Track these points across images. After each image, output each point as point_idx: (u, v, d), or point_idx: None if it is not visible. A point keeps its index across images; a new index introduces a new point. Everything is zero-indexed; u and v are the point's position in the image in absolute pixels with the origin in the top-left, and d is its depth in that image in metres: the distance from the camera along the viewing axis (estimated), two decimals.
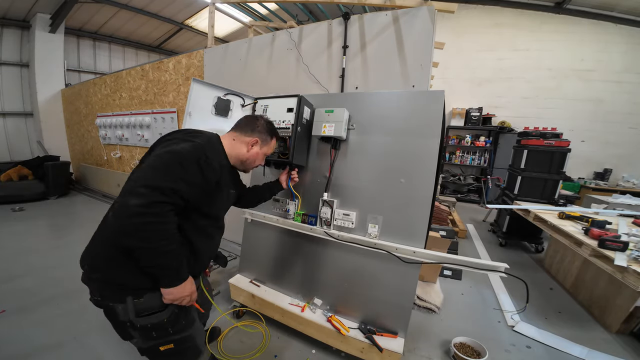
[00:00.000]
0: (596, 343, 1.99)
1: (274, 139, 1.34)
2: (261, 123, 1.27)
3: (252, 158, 1.25)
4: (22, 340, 1.84)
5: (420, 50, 2.13)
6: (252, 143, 1.23)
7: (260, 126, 1.26)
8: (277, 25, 4.11)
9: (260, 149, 1.27)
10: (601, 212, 2.85)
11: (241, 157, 1.22)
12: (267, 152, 1.32)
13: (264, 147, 1.29)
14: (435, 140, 1.56)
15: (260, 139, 1.26)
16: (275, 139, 1.34)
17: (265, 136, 1.27)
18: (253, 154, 1.24)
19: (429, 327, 2.12)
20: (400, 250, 1.57)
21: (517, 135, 3.96)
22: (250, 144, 1.23)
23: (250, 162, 1.27)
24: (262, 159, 1.32)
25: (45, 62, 6.48)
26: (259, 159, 1.30)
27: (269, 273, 2.12)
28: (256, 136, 1.24)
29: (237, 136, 1.23)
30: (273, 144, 1.34)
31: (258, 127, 1.25)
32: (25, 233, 3.75)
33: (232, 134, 1.24)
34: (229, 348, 1.84)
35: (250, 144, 1.23)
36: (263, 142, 1.27)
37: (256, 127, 1.25)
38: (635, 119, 5.72)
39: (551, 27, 5.97)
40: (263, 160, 1.34)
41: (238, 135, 1.23)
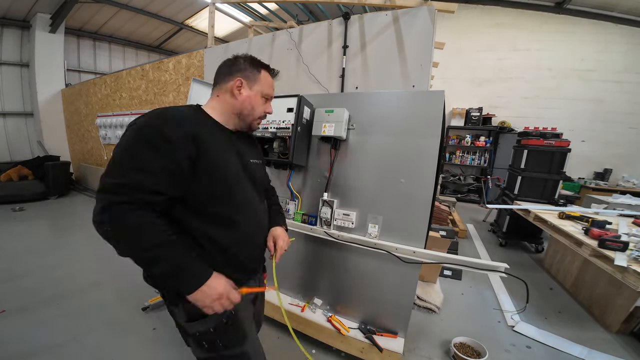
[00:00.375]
0: (596, 343, 1.99)
1: (263, 71, 1.01)
2: (239, 60, 0.98)
3: (246, 105, 0.97)
4: (22, 340, 1.84)
5: (420, 50, 2.13)
6: (235, 87, 0.95)
7: (240, 62, 0.98)
8: (277, 25, 4.11)
9: (250, 89, 0.97)
10: (601, 212, 2.85)
11: (234, 110, 0.96)
12: (262, 91, 1.00)
13: (254, 85, 0.98)
14: (435, 140, 1.56)
15: (244, 77, 0.96)
16: (265, 71, 1.01)
17: (249, 72, 0.97)
18: (244, 99, 0.96)
19: (429, 327, 2.12)
20: (400, 250, 1.57)
21: (517, 135, 3.96)
22: (234, 88, 0.95)
23: (248, 112, 0.98)
24: (260, 102, 1.00)
25: (45, 62, 6.48)
26: (257, 103, 0.99)
27: (268, 273, 2.11)
28: (237, 75, 0.95)
29: (219, 89, 0.97)
30: (264, 78, 1.00)
31: (235, 65, 0.97)
32: (25, 233, 3.75)
33: (214, 91, 0.99)
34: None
35: (235, 88, 0.95)
36: (250, 80, 0.97)
37: (234, 65, 0.97)
38: (635, 119, 5.72)
39: (551, 27, 5.97)
40: (264, 104, 1.02)
41: (219, 87, 0.97)
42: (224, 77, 0.97)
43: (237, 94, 0.95)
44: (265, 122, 1.76)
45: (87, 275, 2.62)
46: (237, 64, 0.97)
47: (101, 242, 0.82)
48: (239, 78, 0.95)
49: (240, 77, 0.95)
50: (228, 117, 0.97)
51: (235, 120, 0.99)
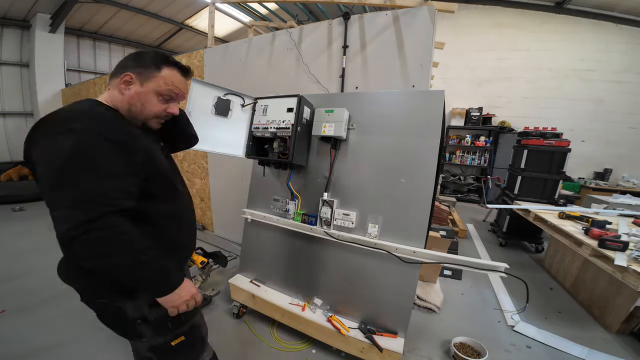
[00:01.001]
0: (596, 343, 1.99)
1: (167, 69, 0.89)
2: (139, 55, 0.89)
3: (133, 102, 0.87)
4: (22, 340, 1.84)
5: (420, 50, 2.13)
6: (123, 80, 0.85)
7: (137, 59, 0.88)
8: (277, 25, 4.11)
9: (141, 86, 0.86)
10: (601, 212, 2.85)
11: (122, 107, 0.87)
12: (158, 89, 0.88)
13: (147, 82, 0.86)
14: (435, 140, 1.56)
15: (135, 73, 0.85)
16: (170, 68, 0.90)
17: (144, 68, 0.86)
18: (131, 96, 0.86)
19: (429, 327, 2.12)
20: (400, 250, 1.57)
21: (517, 135, 3.96)
22: (122, 82, 0.85)
23: (138, 110, 0.88)
24: (154, 101, 0.89)
25: (45, 62, 6.48)
26: (147, 101, 0.88)
27: (269, 273, 2.12)
28: (129, 70, 0.85)
29: (111, 83, 0.89)
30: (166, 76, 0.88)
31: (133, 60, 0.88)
32: (25, 233, 3.76)
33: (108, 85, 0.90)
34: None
35: (122, 82, 0.85)
36: (142, 76, 0.86)
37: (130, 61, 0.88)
38: (635, 119, 5.72)
39: (551, 27, 5.96)
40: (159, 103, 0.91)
41: (111, 81, 0.89)
42: (118, 70, 0.88)
43: (123, 89, 0.86)
44: (265, 122, 1.76)
45: None
46: (135, 59, 0.88)
47: None
48: (129, 73, 0.86)
49: (131, 72, 0.86)
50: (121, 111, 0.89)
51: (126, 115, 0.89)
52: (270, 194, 2.07)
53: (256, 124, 1.80)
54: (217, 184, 3.60)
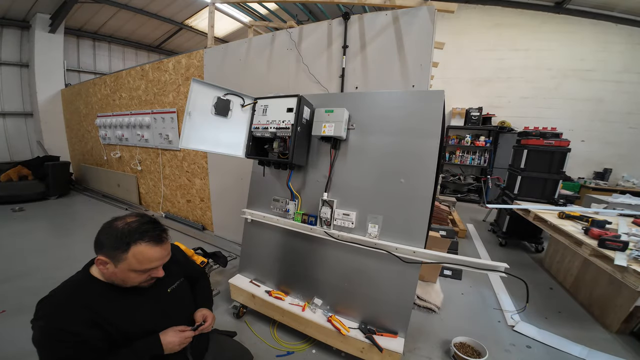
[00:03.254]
0: (596, 343, 1.99)
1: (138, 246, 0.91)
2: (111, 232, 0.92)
3: (114, 278, 0.94)
4: (22, 340, 1.83)
5: (420, 50, 2.13)
6: (100, 263, 0.93)
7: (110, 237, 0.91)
8: (277, 25, 4.11)
9: (116, 267, 0.91)
10: (601, 211, 2.85)
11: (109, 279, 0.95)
12: (132, 268, 0.92)
13: (120, 264, 0.91)
14: (435, 140, 1.56)
15: (107, 256, 0.91)
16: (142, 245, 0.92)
17: (113, 251, 0.90)
18: (110, 274, 0.94)
19: (429, 327, 2.12)
20: (400, 250, 1.57)
21: (517, 135, 3.96)
22: (99, 263, 0.93)
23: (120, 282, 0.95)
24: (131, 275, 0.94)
25: (45, 62, 6.48)
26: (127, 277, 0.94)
27: (269, 273, 2.12)
28: (103, 253, 0.92)
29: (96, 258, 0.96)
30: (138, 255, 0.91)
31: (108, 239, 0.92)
32: (25, 233, 3.75)
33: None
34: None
35: (100, 264, 0.93)
36: (114, 259, 0.91)
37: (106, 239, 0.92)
38: (635, 119, 5.72)
39: (551, 27, 5.96)
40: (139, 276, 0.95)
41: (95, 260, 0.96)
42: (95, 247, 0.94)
43: (102, 269, 0.94)
44: (265, 122, 1.76)
45: None
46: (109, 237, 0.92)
47: None
48: (100, 257, 0.92)
49: (103, 256, 0.91)
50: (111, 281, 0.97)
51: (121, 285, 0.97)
52: (270, 194, 2.07)
53: (256, 124, 1.80)
54: (217, 184, 3.60)
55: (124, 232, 0.92)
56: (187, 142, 1.66)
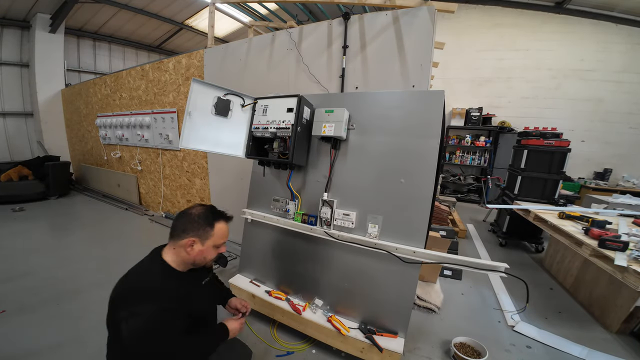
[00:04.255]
0: (596, 343, 1.99)
1: (218, 224, 1.13)
2: (193, 217, 1.11)
3: (198, 258, 1.11)
4: (22, 340, 1.84)
5: (420, 50, 2.13)
6: (189, 244, 1.07)
7: (193, 221, 1.10)
8: (277, 25, 4.11)
9: (202, 245, 1.10)
10: (601, 212, 2.85)
11: (188, 261, 1.11)
12: (216, 243, 1.13)
13: (207, 240, 1.10)
14: (435, 140, 1.56)
15: (197, 236, 1.08)
16: (220, 222, 1.14)
17: (202, 230, 1.10)
18: (196, 254, 1.09)
19: (429, 327, 2.12)
20: (400, 250, 1.57)
21: (517, 135, 3.96)
22: (188, 245, 1.07)
23: (200, 261, 1.12)
24: (213, 252, 1.14)
25: (45, 62, 6.48)
26: (209, 254, 1.13)
27: (269, 273, 2.12)
28: (190, 236, 1.08)
29: (175, 243, 1.10)
30: (218, 231, 1.13)
31: (190, 223, 1.09)
32: (25, 233, 3.75)
33: (171, 243, 1.11)
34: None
35: (188, 246, 1.08)
36: (202, 237, 1.09)
37: (188, 224, 1.09)
38: (635, 119, 5.72)
39: (551, 27, 5.96)
40: (214, 251, 1.16)
41: (175, 242, 1.10)
42: (178, 234, 1.09)
43: (189, 250, 1.08)
44: (265, 122, 1.77)
45: (87, 275, 2.62)
46: (191, 221, 1.10)
47: (101, 242, 0.84)
48: (192, 238, 1.08)
49: (192, 237, 1.08)
50: (185, 265, 1.12)
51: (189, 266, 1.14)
52: (270, 194, 2.08)
53: (256, 124, 1.80)
54: (217, 184, 3.60)
55: (206, 214, 1.13)
56: (187, 142, 1.66)
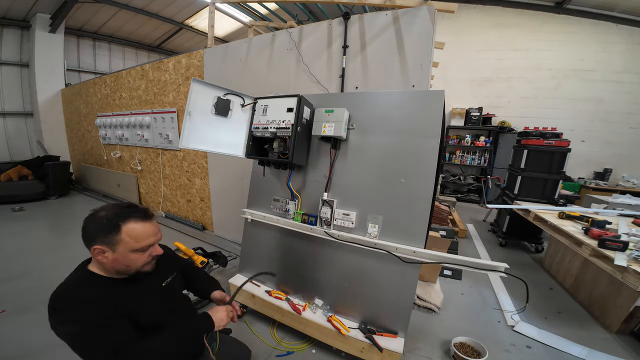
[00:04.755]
0: (596, 343, 1.99)
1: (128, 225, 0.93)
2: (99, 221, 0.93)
3: (119, 267, 0.95)
4: (22, 340, 1.84)
5: (420, 50, 2.13)
6: (98, 253, 0.92)
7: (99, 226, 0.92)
8: (277, 25, 4.11)
9: (114, 252, 0.92)
10: (601, 212, 2.85)
11: (110, 269, 0.96)
12: (132, 247, 0.94)
13: (118, 246, 0.92)
14: (435, 140, 1.56)
15: (104, 243, 0.91)
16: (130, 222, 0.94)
17: (108, 237, 0.91)
18: (111, 262, 0.93)
19: (429, 327, 2.12)
20: (400, 250, 1.57)
21: (517, 135, 3.96)
22: (97, 254, 0.92)
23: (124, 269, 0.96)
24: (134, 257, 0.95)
25: (45, 62, 6.48)
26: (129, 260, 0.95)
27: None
28: (96, 243, 0.91)
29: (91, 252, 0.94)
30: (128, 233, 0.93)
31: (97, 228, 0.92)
32: (25, 233, 3.75)
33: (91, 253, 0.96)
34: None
35: (98, 254, 0.92)
36: (110, 244, 0.91)
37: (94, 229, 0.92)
38: (635, 119, 5.72)
39: (551, 27, 5.96)
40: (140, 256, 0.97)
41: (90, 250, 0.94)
42: (87, 241, 0.93)
43: (102, 259, 0.93)
44: (265, 122, 1.76)
45: None
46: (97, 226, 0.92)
47: None
48: (96, 246, 0.91)
49: (97, 245, 0.91)
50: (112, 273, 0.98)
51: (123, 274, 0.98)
52: (270, 194, 2.08)
53: (256, 124, 1.80)
54: (217, 184, 3.60)
55: (110, 216, 0.93)
56: (187, 142, 1.66)
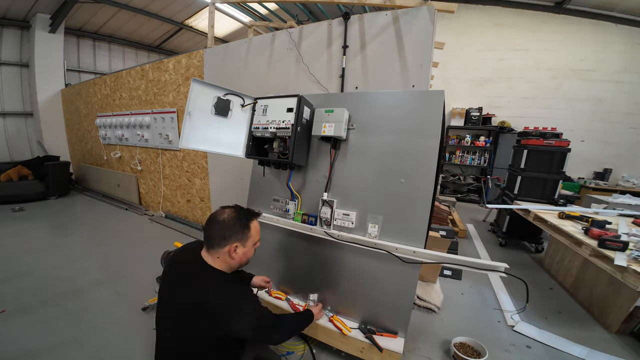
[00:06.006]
0: (596, 343, 1.99)
1: (252, 222, 1.23)
2: (227, 223, 1.15)
3: (243, 260, 1.21)
4: (22, 340, 1.84)
5: (420, 50, 2.13)
6: (232, 250, 1.15)
7: (229, 228, 1.15)
8: (277, 25, 4.11)
9: (244, 246, 1.18)
10: (601, 212, 2.85)
11: (234, 265, 1.19)
12: (254, 241, 1.23)
13: (247, 241, 1.19)
14: (435, 140, 1.56)
15: (238, 240, 1.16)
16: (254, 220, 1.24)
17: (240, 233, 1.17)
18: (240, 256, 1.18)
19: (429, 327, 2.12)
20: (400, 250, 1.57)
21: (517, 135, 3.96)
22: (232, 251, 1.15)
23: (245, 262, 1.23)
24: (252, 250, 1.24)
25: (45, 62, 6.48)
26: (251, 253, 1.23)
27: (269, 273, 2.10)
28: (232, 241, 1.15)
29: (217, 252, 1.15)
30: (254, 228, 1.22)
31: (227, 230, 1.15)
32: (25, 233, 3.75)
33: (214, 253, 1.16)
34: None
35: (232, 251, 1.15)
36: (242, 240, 1.17)
37: (225, 231, 1.15)
38: (635, 119, 5.72)
39: (551, 27, 5.96)
40: (254, 250, 1.26)
41: (216, 251, 1.15)
42: (218, 242, 1.14)
43: (234, 255, 1.16)
44: (265, 122, 1.77)
45: (87, 275, 2.62)
46: (227, 227, 1.15)
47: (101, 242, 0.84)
48: (234, 244, 1.15)
49: (235, 243, 1.15)
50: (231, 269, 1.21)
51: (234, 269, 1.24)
52: (270, 194, 2.07)
53: (256, 124, 1.80)
54: (217, 184, 3.60)
55: (239, 216, 1.18)
56: (187, 142, 1.66)
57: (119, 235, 3.73)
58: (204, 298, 1.07)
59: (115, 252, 3.18)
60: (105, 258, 3.01)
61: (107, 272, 2.71)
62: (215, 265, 1.15)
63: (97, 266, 2.81)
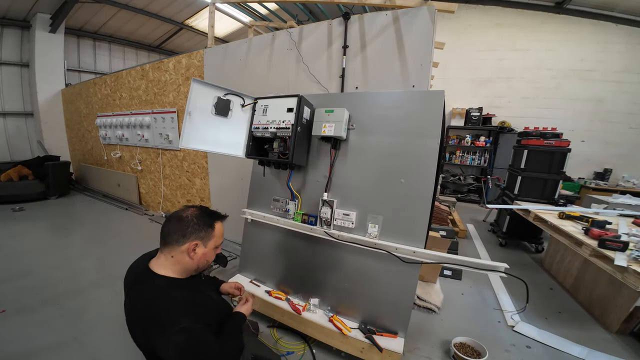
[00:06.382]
0: (596, 343, 1.99)
1: (217, 223, 1.12)
2: (190, 220, 1.05)
3: (201, 262, 1.07)
4: (22, 340, 1.84)
5: (420, 50, 2.13)
6: (191, 249, 1.03)
7: (191, 224, 1.04)
8: (277, 25, 4.11)
9: (205, 247, 1.07)
10: (601, 212, 2.85)
11: (191, 268, 1.06)
12: (216, 244, 1.12)
13: (209, 241, 1.08)
14: (435, 140, 1.56)
15: (199, 238, 1.05)
16: (219, 222, 1.13)
17: (203, 232, 1.06)
18: (199, 257, 1.05)
19: (429, 327, 2.12)
20: (400, 250, 1.57)
21: (517, 135, 3.96)
22: (190, 250, 1.03)
23: (203, 265, 1.09)
24: (212, 254, 1.13)
25: (45, 62, 6.48)
26: (210, 256, 1.11)
27: (269, 273, 2.12)
28: (192, 239, 1.03)
29: (173, 250, 1.03)
30: (218, 231, 1.11)
31: (188, 227, 1.03)
32: (25, 233, 3.75)
33: (168, 252, 1.03)
34: None
35: (191, 250, 1.03)
36: (204, 239, 1.06)
37: (186, 228, 1.03)
38: (635, 119, 5.72)
39: (551, 27, 5.96)
40: (214, 254, 1.15)
41: (172, 249, 1.03)
42: (176, 240, 1.02)
43: (193, 255, 1.04)
44: (265, 122, 1.77)
45: (87, 275, 2.62)
46: (189, 224, 1.04)
47: (101, 242, 0.83)
48: (193, 242, 1.03)
49: (194, 240, 1.03)
50: (186, 272, 1.07)
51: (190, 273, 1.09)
52: (270, 194, 2.08)
53: (256, 124, 1.80)
54: (217, 184, 3.60)
55: (203, 215, 1.09)
56: (187, 142, 1.67)
57: (119, 235, 3.73)
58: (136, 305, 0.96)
59: (115, 252, 3.18)
60: (105, 258, 3.01)
61: (107, 272, 2.71)
62: (163, 269, 1.03)
63: (97, 266, 2.81)
